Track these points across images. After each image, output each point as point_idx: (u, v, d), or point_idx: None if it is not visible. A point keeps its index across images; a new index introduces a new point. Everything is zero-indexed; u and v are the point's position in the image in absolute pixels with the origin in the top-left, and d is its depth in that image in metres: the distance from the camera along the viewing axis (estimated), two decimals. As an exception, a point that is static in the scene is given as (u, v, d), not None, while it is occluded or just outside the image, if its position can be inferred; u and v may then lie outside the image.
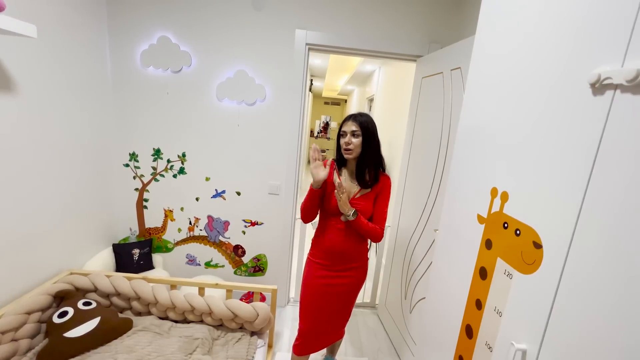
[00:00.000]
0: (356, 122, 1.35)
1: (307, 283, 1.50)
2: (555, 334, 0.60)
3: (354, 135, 1.35)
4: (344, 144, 1.36)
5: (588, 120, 0.57)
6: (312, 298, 1.49)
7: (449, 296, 1.00)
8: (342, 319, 1.58)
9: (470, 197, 0.93)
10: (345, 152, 1.36)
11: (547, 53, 0.68)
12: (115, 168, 2.13)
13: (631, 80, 0.48)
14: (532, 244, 0.67)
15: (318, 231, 1.50)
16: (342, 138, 1.38)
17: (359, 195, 1.41)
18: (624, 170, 0.50)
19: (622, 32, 0.52)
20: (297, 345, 1.54)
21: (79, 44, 1.73)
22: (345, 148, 1.36)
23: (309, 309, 1.50)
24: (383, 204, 1.44)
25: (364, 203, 1.40)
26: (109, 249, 2.06)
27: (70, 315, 1.43)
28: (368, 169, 1.39)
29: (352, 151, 1.35)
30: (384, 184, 1.43)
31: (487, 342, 0.79)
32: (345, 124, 1.38)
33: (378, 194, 1.43)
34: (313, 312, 1.49)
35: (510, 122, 0.78)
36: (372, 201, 1.42)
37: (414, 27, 2.00)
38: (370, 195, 1.42)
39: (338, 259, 1.44)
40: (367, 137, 1.35)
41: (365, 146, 1.36)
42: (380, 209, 1.43)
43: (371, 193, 1.42)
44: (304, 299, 1.51)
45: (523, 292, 0.69)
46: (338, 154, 1.44)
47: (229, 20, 1.97)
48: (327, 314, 1.50)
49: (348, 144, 1.35)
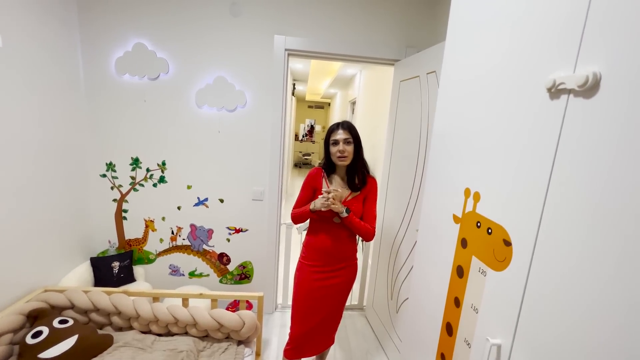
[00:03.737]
0: (347, 130, 1.43)
1: (301, 285, 1.53)
2: (527, 328, 0.63)
3: (347, 143, 1.42)
4: (337, 152, 1.42)
5: (546, 123, 0.60)
6: (306, 300, 1.51)
7: (430, 295, 1.03)
8: (333, 322, 1.60)
9: (446, 197, 0.96)
10: (340, 159, 1.42)
11: (509, 61, 0.71)
12: (92, 179, 2.07)
13: (582, 85, 0.51)
14: (503, 242, 0.70)
15: (310, 234, 1.54)
16: (334, 146, 1.43)
17: (350, 198, 1.48)
18: (579, 169, 0.53)
19: (572, 40, 0.55)
20: (289, 350, 1.56)
21: (49, 53, 1.68)
22: (340, 156, 1.42)
23: (302, 311, 1.53)
24: (372, 204, 1.52)
25: (355, 205, 1.47)
26: (86, 263, 1.98)
27: (45, 335, 1.37)
28: (357, 173, 1.47)
29: (346, 158, 1.42)
30: (372, 186, 1.52)
31: (466, 338, 0.82)
32: (335, 132, 1.44)
33: (366, 196, 1.51)
34: (306, 314, 1.52)
35: (480, 126, 0.81)
36: (362, 202, 1.50)
37: (391, 32, 2.05)
38: (360, 197, 1.50)
39: (331, 259, 1.49)
40: (357, 144, 1.44)
41: (355, 152, 1.44)
42: (370, 209, 1.51)
43: (360, 195, 1.50)
44: (297, 302, 1.54)
45: (496, 289, 0.71)
46: (327, 162, 1.49)
47: (206, 26, 1.95)
48: (320, 316, 1.53)
49: (343, 152, 1.41)
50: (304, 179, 1.54)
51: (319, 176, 1.51)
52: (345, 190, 1.49)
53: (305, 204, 1.50)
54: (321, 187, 1.49)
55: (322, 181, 1.50)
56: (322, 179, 1.50)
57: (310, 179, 1.52)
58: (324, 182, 1.50)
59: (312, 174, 1.52)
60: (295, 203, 1.55)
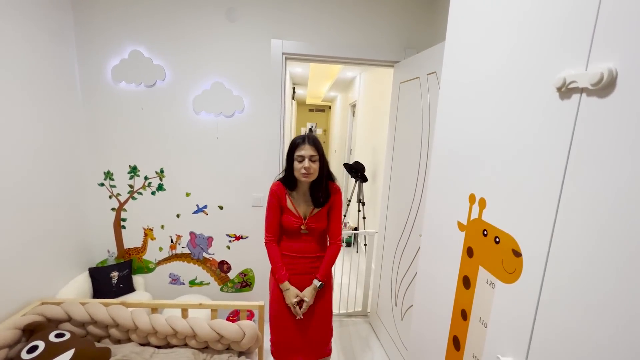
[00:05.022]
0: (313, 147, 1.38)
1: (274, 297, 1.52)
2: (541, 345, 0.58)
3: (312, 161, 1.37)
4: (303, 169, 1.36)
5: (557, 124, 0.56)
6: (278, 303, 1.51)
7: (435, 306, 0.98)
8: (321, 334, 1.55)
9: (449, 203, 0.91)
10: (305, 176, 1.38)
11: (515, 59, 0.67)
12: (90, 187, 2.04)
13: (596, 84, 0.47)
14: (512, 252, 0.65)
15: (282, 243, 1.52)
16: (299, 162, 1.38)
17: (315, 213, 1.46)
18: (595, 174, 0.49)
19: (584, 36, 0.51)
20: (274, 351, 1.59)
21: (44, 62, 1.66)
22: (305, 173, 1.37)
23: (273, 315, 1.54)
24: (337, 216, 1.50)
25: (320, 220, 1.46)
26: (84, 274, 1.95)
27: (41, 350, 1.33)
28: (321, 190, 1.44)
29: (311, 175, 1.38)
30: (335, 198, 1.49)
31: (475, 354, 0.77)
32: (301, 147, 1.37)
33: (330, 207, 1.49)
34: (283, 323, 1.52)
35: (484, 129, 0.77)
36: (326, 215, 1.49)
37: (389, 33, 2.01)
38: (324, 211, 1.48)
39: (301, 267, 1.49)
40: (322, 161, 1.40)
41: (320, 170, 1.40)
42: (335, 223, 1.50)
43: (324, 208, 1.48)
44: (272, 314, 1.54)
45: (506, 302, 0.67)
46: (287, 176, 1.44)
47: (202, 32, 1.93)
48: (298, 326, 1.51)
49: (309, 169, 1.36)
50: (267, 197, 1.48)
51: (283, 192, 1.45)
52: (308, 207, 1.46)
53: (276, 225, 1.47)
54: (286, 204, 1.44)
55: (287, 199, 1.45)
56: (286, 196, 1.45)
57: (274, 197, 1.45)
58: (288, 201, 1.45)
59: (274, 190, 1.45)
60: (266, 226, 1.49)
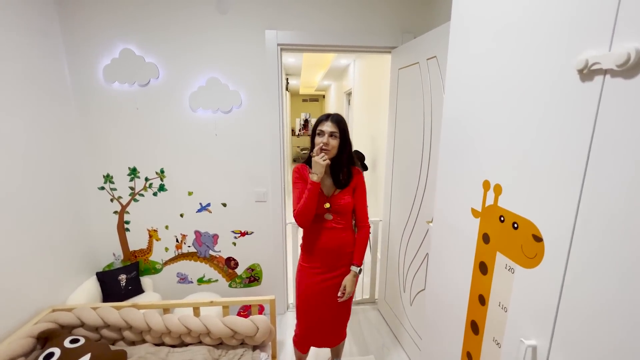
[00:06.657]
0: (335, 124, 1.35)
1: (303, 287, 1.52)
2: (566, 328, 0.59)
3: (332, 137, 1.35)
4: (321, 143, 1.34)
5: (579, 107, 0.55)
6: (308, 299, 1.51)
7: (450, 292, 0.99)
8: (341, 318, 1.59)
9: (462, 190, 0.91)
10: (322, 151, 1.35)
11: (531, 38, 0.65)
12: (90, 192, 2.01)
13: (622, 65, 0.46)
14: (532, 237, 0.65)
15: (307, 236, 1.50)
16: (319, 137, 1.36)
17: (337, 193, 1.44)
18: (621, 154, 0.49)
19: (607, 14, 0.50)
20: (297, 341, 1.62)
21: (32, 67, 1.60)
22: (322, 148, 1.34)
23: (303, 309, 1.54)
24: (362, 198, 1.49)
25: (346, 198, 1.43)
26: (92, 279, 1.95)
27: (57, 356, 1.34)
28: (342, 170, 1.42)
29: (329, 152, 1.35)
30: (358, 179, 1.47)
31: (495, 338, 0.78)
32: (323, 123, 1.37)
33: (355, 189, 1.47)
34: (308, 312, 1.53)
35: (497, 113, 0.76)
36: (351, 194, 1.46)
37: (385, 19, 1.97)
38: (349, 190, 1.45)
39: (330, 259, 1.46)
40: (343, 140, 1.37)
41: (341, 148, 1.38)
42: (361, 205, 1.49)
43: (348, 189, 1.45)
44: (300, 301, 1.54)
45: (527, 287, 0.67)
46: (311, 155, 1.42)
47: (194, 26, 1.87)
48: (324, 313, 1.53)
49: (327, 145, 1.34)
50: (292, 177, 1.48)
51: (306, 172, 1.44)
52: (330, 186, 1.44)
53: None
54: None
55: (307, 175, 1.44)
56: (308, 174, 1.44)
57: (298, 174, 1.45)
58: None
59: (298, 169, 1.46)
60: (294, 202, 1.47)
